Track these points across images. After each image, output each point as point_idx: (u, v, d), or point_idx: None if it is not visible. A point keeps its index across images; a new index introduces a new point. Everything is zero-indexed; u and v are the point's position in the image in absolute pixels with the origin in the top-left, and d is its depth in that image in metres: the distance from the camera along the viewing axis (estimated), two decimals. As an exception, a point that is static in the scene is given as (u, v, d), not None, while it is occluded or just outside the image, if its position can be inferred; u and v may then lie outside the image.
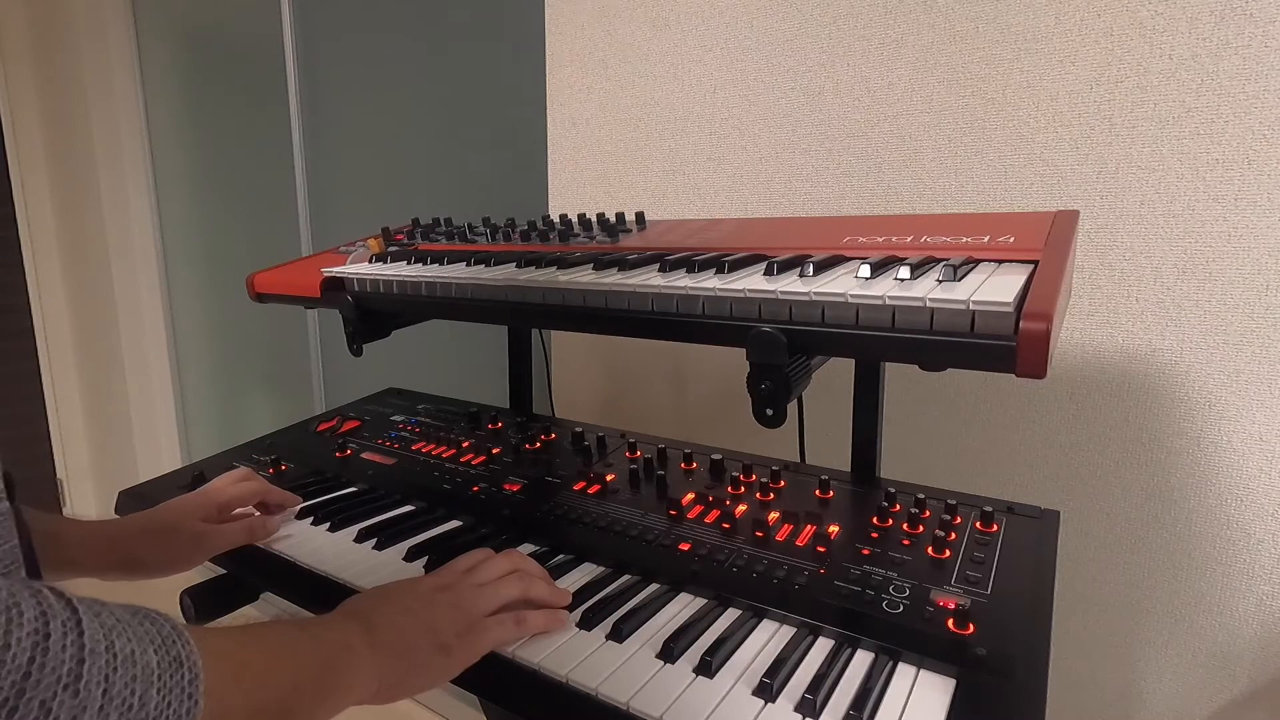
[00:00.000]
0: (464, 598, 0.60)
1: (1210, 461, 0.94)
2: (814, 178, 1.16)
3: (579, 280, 0.69)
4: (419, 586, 0.61)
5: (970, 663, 0.54)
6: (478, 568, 0.64)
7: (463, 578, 0.62)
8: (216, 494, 0.81)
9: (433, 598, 0.59)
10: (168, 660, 0.38)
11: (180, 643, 0.40)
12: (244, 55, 2.24)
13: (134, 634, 0.38)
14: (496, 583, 0.62)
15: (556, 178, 1.44)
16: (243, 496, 0.82)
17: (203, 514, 0.78)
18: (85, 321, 2.79)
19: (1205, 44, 0.87)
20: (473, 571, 0.63)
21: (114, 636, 0.37)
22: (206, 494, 0.81)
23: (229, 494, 0.81)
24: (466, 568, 0.64)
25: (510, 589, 0.62)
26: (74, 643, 0.34)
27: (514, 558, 0.67)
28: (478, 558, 0.66)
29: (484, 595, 0.61)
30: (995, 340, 0.49)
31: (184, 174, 2.53)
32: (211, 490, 0.82)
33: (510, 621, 0.60)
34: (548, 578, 0.67)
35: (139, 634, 0.38)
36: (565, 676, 0.56)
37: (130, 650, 0.37)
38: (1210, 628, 0.97)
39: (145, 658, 0.37)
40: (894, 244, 0.70)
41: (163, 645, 0.39)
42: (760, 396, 0.58)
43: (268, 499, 0.85)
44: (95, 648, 0.35)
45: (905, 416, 1.11)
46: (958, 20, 1.01)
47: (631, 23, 1.30)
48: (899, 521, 0.74)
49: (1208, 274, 0.91)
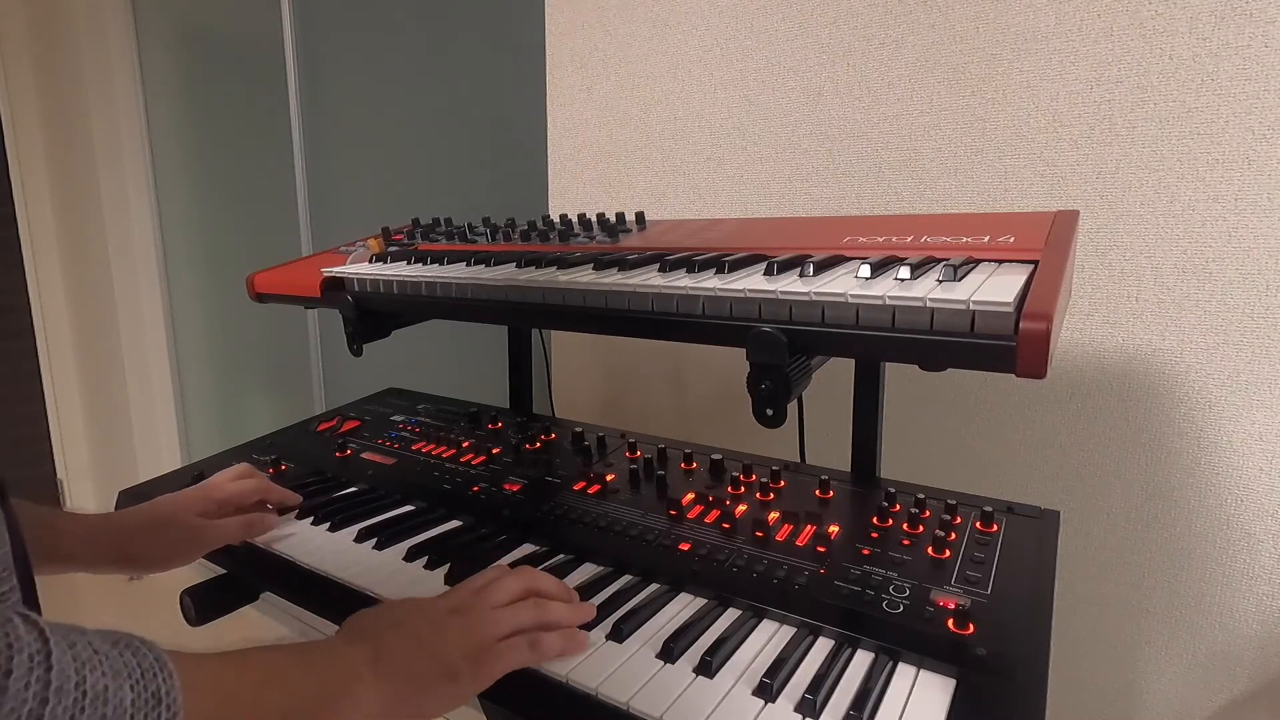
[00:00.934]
0: (475, 622, 0.57)
1: (1210, 461, 0.94)
2: (814, 178, 1.16)
3: (579, 280, 0.69)
4: (428, 610, 0.58)
5: (970, 663, 0.54)
6: (490, 587, 0.60)
7: (475, 599, 0.59)
8: (215, 489, 0.80)
9: (444, 622, 0.57)
10: (145, 697, 0.37)
11: (161, 676, 0.39)
12: (244, 55, 2.24)
13: (110, 668, 0.37)
14: (512, 608, 0.59)
15: (556, 178, 1.44)
16: (242, 494, 0.82)
17: (200, 509, 0.78)
18: (85, 321, 2.79)
19: (1205, 44, 0.87)
20: (485, 591, 0.60)
21: (87, 671, 0.35)
22: (205, 489, 0.80)
23: (228, 490, 0.81)
24: (479, 587, 0.61)
25: (524, 616, 0.59)
26: (39, 679, 0.33)
27: (528, 577, 0.63)
28: (490, 576, 0.62)
29: (498, 620, 0.57)
30: (995, 340, 0.49)
31: (184, 174, 2.54)
32: (210, 486, 0.81)
33: (524, 646, 0.57)
34: (569, 593, 0.64)
35: (116, 668, 0.37)
36: (565, 676, 0.56)
37: (103, 687, 0.35)
38: (1210, 628, 0.97)
39: (120, 695, 0.36)
40: (894, 244, 0.70)
41: (141, 679, 0.38)
42: (760, 396, 0.58)
43: (268, 497, 0.84)
44: (64, 685, 0.34)
45: (905, 416, 1.11)
46: (958, 20, 1.01)
47: (631, 23, 1.30)
48: (899, 521, 0.74)
49: (1208, 274, 0.91)
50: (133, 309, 2.66)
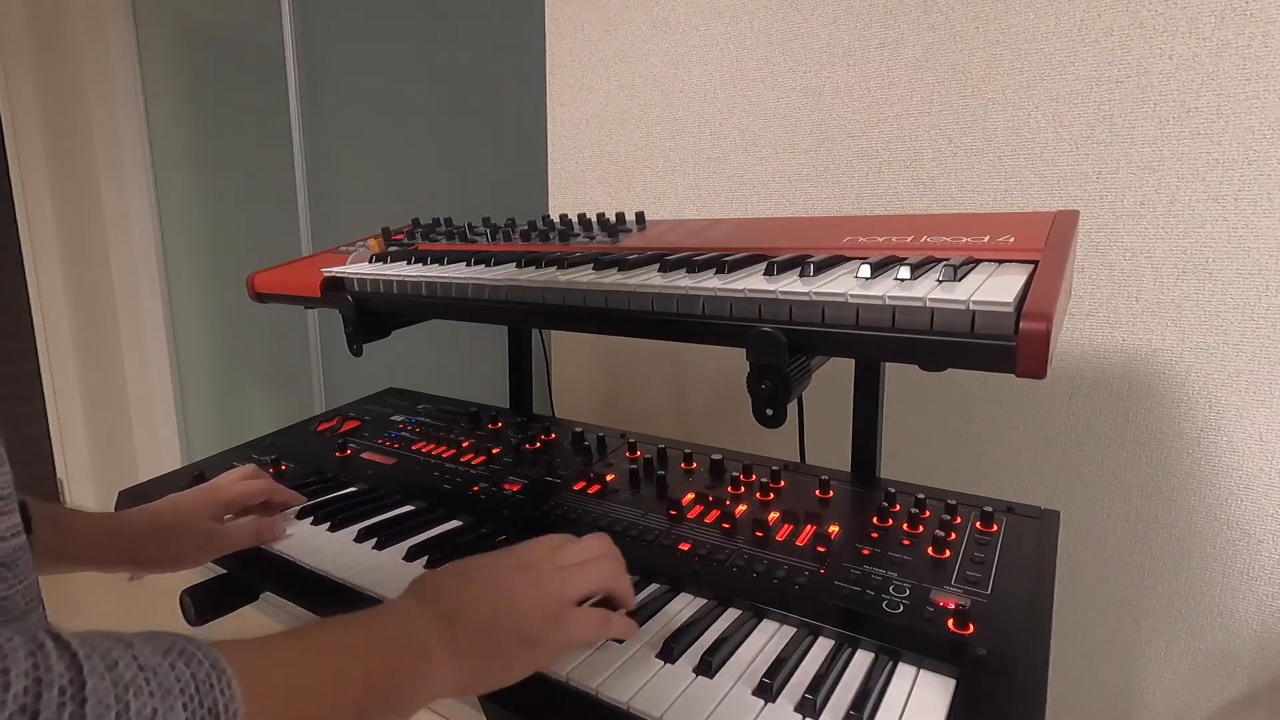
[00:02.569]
0: (547, 580, 0.54)
1: (1210, 461, 0.94)
2: (814, 178, 1.16)
3: (579, 280, 0.69)
4: (498, 565, 0.55)
5: (970, 663, 0.54)
6: (565, 547, 0.58)
7: (547, 556, 0.56)
8: (223, 491, 0.80)
9: (512, 579, 0.53)
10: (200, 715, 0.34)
11: (219, 686, 0.35)
12: (244, 55, 2.24)
13: (159, 685, 0.33)
14: (584, 565, 0.56)
15: (556, 178, 1.44)
16: (249, 494, 0.81)
17: (210, 512, 0.77)
18: (85, 321, 2.79)
19: (1205, 44, 0.87)
20: (559, 551, 0.57)
21: (130, 695, 0.31)
22: (213, 490, 0.80)
23: (235, 491, 0.80)
24: (553, 547, 0.58)
25: (601, 572, 0.56)
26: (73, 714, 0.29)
27: (607, 540, 0.60)
28: (560, 540, 0.59)
29: (570, 579, 0.54)
30: (995, 340, 0.49)
31: (184, 174, 2.54)
32: (218, 487, 0.81)
33: (597, 619, 0.54)
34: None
35: (165, 685, 0.33)
36: (565, 676, 0.56)
37: (150, 711, 0.32)
38: (1210, 628, 0.97)
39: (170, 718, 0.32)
40: (894, 244, 0.70)
41: (195, 694, 0.34)
42: (760, 396, 0.58)
43: (273, 498, 0.84)
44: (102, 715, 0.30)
45: (905, 416, 1.11)
46: (958, 20, 1.01)
47: (631, 23, 1.30)
48: (899, 521, 0.74)
49: (1208, 274, 0.91)
50: (133, 309, 2.66)
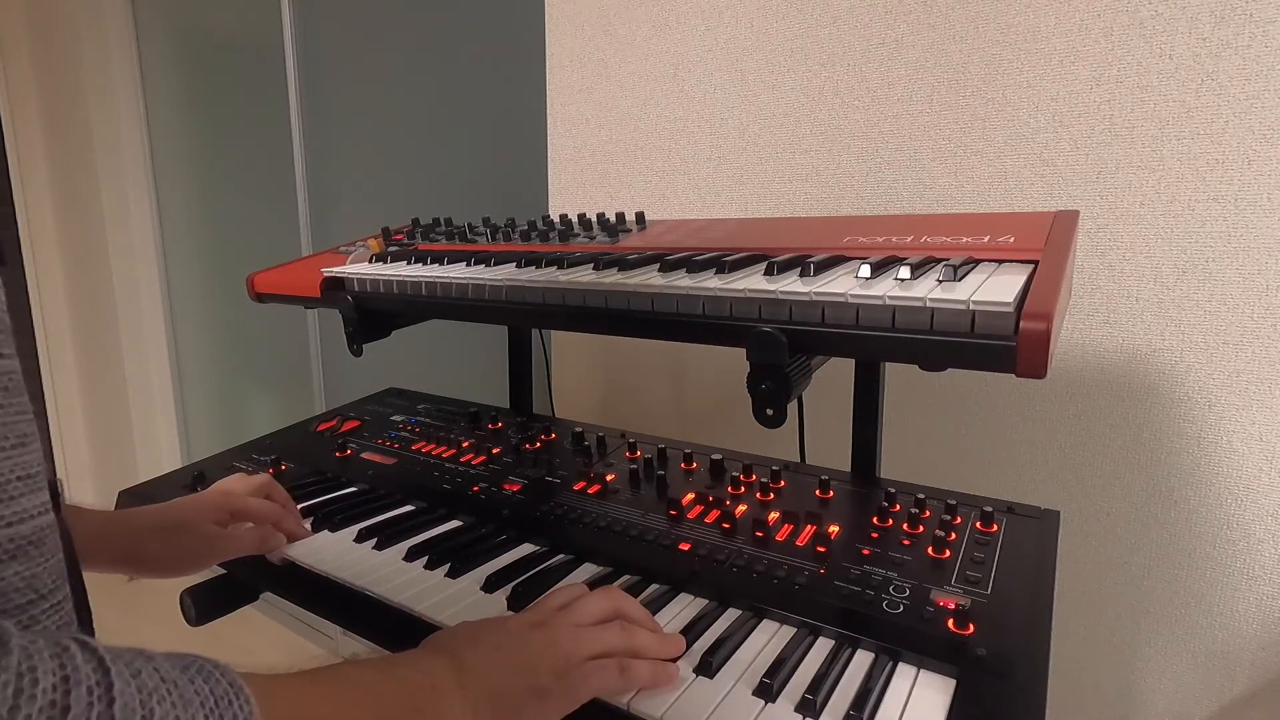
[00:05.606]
0: (561, 637, 0.53)
1: (1210, 461, 0.94)
2: (814, 178, 1.16)
3: (579, 280, 0.69)
4: (509, 624, 0.55)
5: (970, 663, 0.54)
6: (574, 606, 0.57)
7: (557, 616, 0.56)
8: (232, 499, 0.78)
9: (526, 636, 0.53)
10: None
11: (238, 703, 0.35)
12: (244, 55, 2.23)
13: (180, 697, 0.33)
14: (597, 628, 0.56)
15: (556, 178, 1.44)
16: (262, 515, 0.78)
17: (216, 516, 0.76)
18: (85, 321, 2.79)
19: (1205, 44, 0.87)
20: (569, 610, 0.57)
21: (154, 702, 0.32)
22: (225, 496, 0.78)
23: (245, 506, 0.78)
24: (560, 605, 0.57)
25: (610, 638, 0.55)
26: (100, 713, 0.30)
27: (615, 597, 0.59)
28: (573, 593, 0.59)
29: (583, 638, 0.54)
30: (995, 340, 0.49)
31: (184, 174, 2.53)
32: (229, 495, 0.79)
33: (614, 669, 0.53)
34: (653, 623, 0.60)
35: (186, 697, 0.34)
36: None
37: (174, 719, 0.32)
38: (1210, 628, 0.97)
39: None
40: (894, 244, 0.70)
41: (215, 708, 0.34)
42: (760, 396, 0.58)
43: (282, 525, 0.79)
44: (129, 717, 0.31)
45: (905, 416, 1.11)
46: (958, 20, 1.01)
47: (631, 23, 1.30)
48: (899, 521, 0.74)
49: (1208, 274, 0.91)
50: (133, 309, 2.66)
